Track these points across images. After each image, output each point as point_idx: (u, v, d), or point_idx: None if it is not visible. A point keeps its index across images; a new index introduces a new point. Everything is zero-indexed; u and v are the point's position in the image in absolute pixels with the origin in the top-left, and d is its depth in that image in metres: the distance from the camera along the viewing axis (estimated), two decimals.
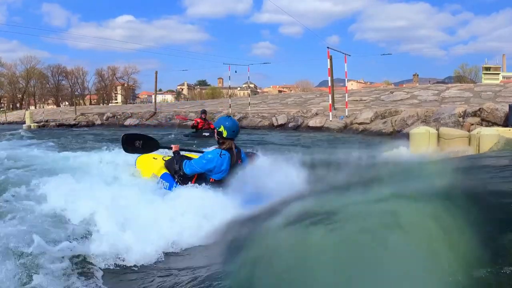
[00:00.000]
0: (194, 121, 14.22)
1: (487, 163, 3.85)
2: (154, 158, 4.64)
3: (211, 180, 3.74)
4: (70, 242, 2.93)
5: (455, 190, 2.41)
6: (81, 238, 3.15)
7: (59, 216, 3.52)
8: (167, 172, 4.14)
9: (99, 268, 2.83)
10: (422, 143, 6.93)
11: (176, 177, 3.97)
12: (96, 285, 2.59)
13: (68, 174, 4.51)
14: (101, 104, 64.94)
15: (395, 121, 13.55)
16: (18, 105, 65.74)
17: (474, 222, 1.91)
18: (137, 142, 4.28)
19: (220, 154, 3.70)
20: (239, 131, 3.92)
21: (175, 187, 3.86)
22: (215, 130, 3.80)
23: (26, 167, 6.21)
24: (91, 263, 2.87)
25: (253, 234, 2.68)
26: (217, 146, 3.92)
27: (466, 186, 2.63)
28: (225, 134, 3.74)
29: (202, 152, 4.19)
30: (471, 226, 1.88)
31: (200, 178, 3.82)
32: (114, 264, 2.90)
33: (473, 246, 1.77)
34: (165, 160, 4.35)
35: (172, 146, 4.25)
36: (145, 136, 4.43)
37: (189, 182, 3.78)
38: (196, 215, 3.23)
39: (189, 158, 4.08)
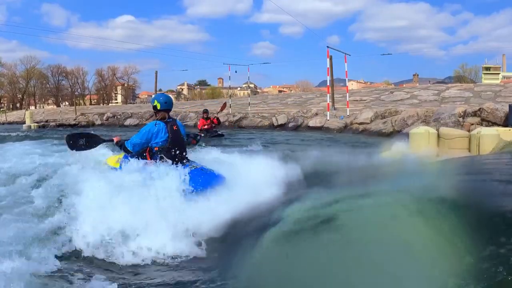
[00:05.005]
0: (198, 126, 13.30)
1: (487, 164, 3.84)
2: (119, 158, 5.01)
3: (155, 149, 4.24)
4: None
5: (453, 192, 2.40)
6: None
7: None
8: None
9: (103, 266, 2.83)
10: (422, 143, 6.90)
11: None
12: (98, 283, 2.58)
13: None
14: (101, 104, 64.88)
15: (395, 121, 13.54)
16: (18, 105, 65.66)
17: (473, 224, 1.90)
18: (80, 141, 4.69)
19: (155, 124, 4.26)
20: (172, 103, 4.50)
21: (128, 161, 4.29)
22: (152, 105, 4.34)
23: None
24: (92, 262, 2.86)
25: (251, 239, 2.68)
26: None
27: (465, 187, 2.62)
28: (158, 106, 4.34)
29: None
30: (469, 228, 1.87)
31: (152, 153, 4.30)
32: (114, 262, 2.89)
33: (472, 247, 1.76)
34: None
35: (114, 138, 4.69)
36: (87, 134, 4.87)
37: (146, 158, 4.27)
38: None
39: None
